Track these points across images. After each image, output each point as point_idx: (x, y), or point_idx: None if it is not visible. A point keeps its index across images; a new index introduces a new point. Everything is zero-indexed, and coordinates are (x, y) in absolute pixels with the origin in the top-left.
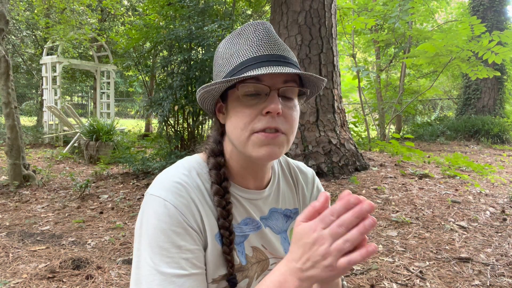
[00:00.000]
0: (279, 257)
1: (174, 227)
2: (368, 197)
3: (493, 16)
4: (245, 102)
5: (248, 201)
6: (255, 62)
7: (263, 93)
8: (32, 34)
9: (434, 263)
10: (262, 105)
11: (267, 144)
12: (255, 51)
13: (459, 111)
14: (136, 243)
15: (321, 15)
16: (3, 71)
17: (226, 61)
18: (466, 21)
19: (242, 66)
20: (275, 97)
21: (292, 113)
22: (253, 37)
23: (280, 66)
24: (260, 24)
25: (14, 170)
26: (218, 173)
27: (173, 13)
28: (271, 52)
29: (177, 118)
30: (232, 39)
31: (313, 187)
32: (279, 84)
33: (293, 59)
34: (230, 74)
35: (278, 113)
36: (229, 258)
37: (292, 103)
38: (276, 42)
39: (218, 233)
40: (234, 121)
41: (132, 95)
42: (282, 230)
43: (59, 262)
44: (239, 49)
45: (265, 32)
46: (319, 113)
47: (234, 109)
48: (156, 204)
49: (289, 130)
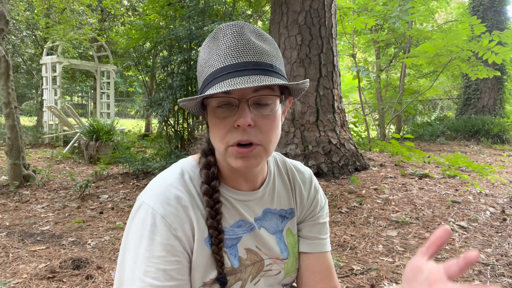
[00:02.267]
0: (274, 257)
1: (158, 237)
2: (368, 197)
3: (493, 16)
4: (218, 115)
5: (240, 203)
6: (221, 74)
7: (234, 104)
8: (32, 34)
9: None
10: (233, 117)
11: (242, 158)
12: (223, 61)
13: (459, 111)
14: (123, 243)
15: (321, 15)
16: (3, 71)
17: (201, 69)
18: (466, 21)
19: (212, 77)
20: (244, 110)
21: (267, 122)
22: (222, 43)
23: (246, 76)
24: (230, 27)
25: (14, 170)
26: (208, 172)
27: (173, 13)
28: (238, 61)
29: (177, 118)
30: (208, 43)
31: (310, 187)
32: (249, 94)
33: (267, 61)
34: (204, 83)
35: (249, 125)
36: (218, 258)
37: (267, 109)
38: (245, 47)
39: (208, 236)
40: (212, 132)
41: (132, 95)
42: (277, 230)
43: (59, 262)
44: (210, 58)
45: (233, 37)
46: (319, 113)
47: (211, 120)
48: (144, 211)
49: (265, 140)
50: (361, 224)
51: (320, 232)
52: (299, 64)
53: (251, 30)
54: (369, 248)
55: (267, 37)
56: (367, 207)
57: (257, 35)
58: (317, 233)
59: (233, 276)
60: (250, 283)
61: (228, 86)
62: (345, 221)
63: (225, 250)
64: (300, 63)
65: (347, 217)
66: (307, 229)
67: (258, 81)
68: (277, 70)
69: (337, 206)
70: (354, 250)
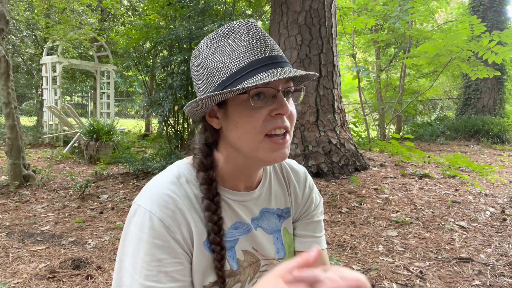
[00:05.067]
0: (269, 258)
1: (157, 240)
2: (368, 197)
3: (493, 16)
4: (254, 106)
5: (237, 203)
6: (259, 66)
7: (270, 95)
8: (32, 34)
9: (434, 263)
10: (269, 107)
11: (278, 149)
12: (256, 53)
13: (459, 111)
14: (120, 248)
15: (321, 15)
16: (3, 71)
17: (220, 66)
18: (466, 21)
19: (245, 71)
20: (283, 99)
21: (293, 111)
22: (249, 38)
23: (283, 68)
24: (252, 24)
25: (14, 170)
26: (205, 175)
27: (173, 13)
28: (271, 54)
29: (177, 118)
30: (217, 40)
31: (305, 185)
32: (283, 85)
33: (284, 56)
34: (231, 78)
35: (289, 114)
36: (218, 264)
37: (291, 101)
38: (272, 42)
39: (207, 240)
40: (242, 126)
41: (132, 95)
42: (275, 230)
43: (59, 262)
44: (234, 52)
45: (260, 32)
46: (319, 113)
47: (240, 113)
48: (141, 215)
49: (291, 128)
50: (361, 224)
51: (315, 230)
52: (299, 64)
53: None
54: (369, 248)
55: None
56: (367, 207)
57: None
58: (312, 231)
59: (232, 278)
60: (248, 284)
61: (281, 75)
62: (345, 221)
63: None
64: (300, 63)
65: (347, 217)
66: (302, 227)
67: (296, 72)
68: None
69: (337, 206)
70: (354, 250)
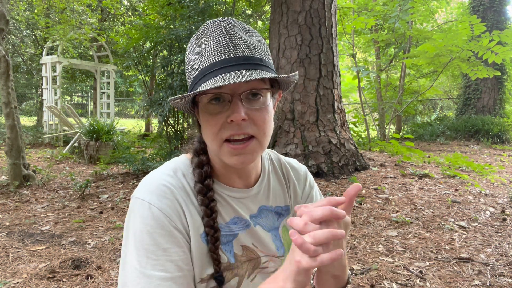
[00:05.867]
0: (271, 254)
1: (160, 229)
2: (368, 197)
3: (493, 16)
4: (210, 111)
5: (235, 200)
6: (212, 70)
7: (226, 99)
8: (32, 34)
9: (434, 263)
10: (226, 113)
11: (237, 154)
12: (212, 57)
13: (459, 111)
14: (123, 246)
15: (321, 15)
16: (3, 71)
17: (190, 67)
18: (466, 21)
19: (202, 74)
20: (237, 104)
21: (260, 114)
22: (211, 39)
23: (238, 71)
24: (217, 23)
25: (14, 170)
26: (201, 171)
27: (173, 13)
28: (228, 56)
29: (177, 118)
30: (194, 40)
31: (305, 184)
32: (241, 89)
33: (256, 56)
34: (194, 81)
35: (243, 119)
36: (215, 256)
37: (259, 102)
38: (234, 42)
39: (204, 232)
40: (204, 130)
41: (132, 95)
42: (273, 228)
43: (59, 262)
44: (199, 55)
45: (222, 33)
46: (319, 113)
47: (203, 117)
48: (141, 207)
49: (259, 132)
50: (361, 224)
51: None
52: (299, 64)
53: (238, 25)
54: (369, 248)
55: (254, 32)
56: (367, 207)
57: (244, 30)
58: None
59: (230, 271)
60: (247, 279)
61: (220, 81)
62: None
63: (220, 246)
64: (300, 63)
65: None
66: None
67: (250, 75)
68: (266, 64)
69: None
70: (354, 250)
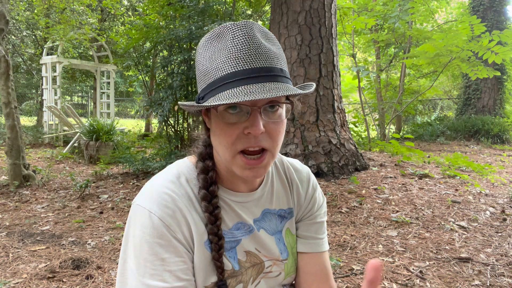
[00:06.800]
0: (274, 258)
1: (159, 239)
2: (368, 197)
3: (493, 16)
4: (225, 119)
5: (239, 205)
6: (233, 80)
7: (245, 110)
8: (32, 34)
9: (434, 263)
10: (243, 124)
11: (251, 168)
12: (234, 65)
13: (459, 111)
14: (122, 251)
15: (321, 15)
16: (3, 71)
17: (205, 69)
18: (466, 21)
19: (222, 82)
20: (256, 117)
21: (276, 128)
22: (232, 45)
23: (261, 84)
24: (240, 28)
25: (14, 170)
26: (206, 177)
27: (173, 13)
28: (251, 66)
29: (177, 118)
30: (211, 41)
31: (308, 186)
32: (261, 101)
33: (277, 66)
34: (211, 86)
35: (270, 131)
36: (218, 264)
37: (276, 115)
38: (257, 51)
39: (208, 239)
40: (217, 137)
41: (132, 95)
42: (277, 231)
43: (59, 262)
44: (217, 58)
45: (244, 40)
46: (319, 113)
47: (216, 124)
48: (141, 215)
49: (273, 145)
50: (361, 224)
51: (317, 232)
52: (299, 64)
53: (259, 30)
54: (369, 248)
55: (272, 36)
56: (367, 207)
57: (264, 35)
58: (314, 232)
59: (234, 278)
60: (251, 285)
61: (244, 94)
62: (345, 221)
63: (223, 252)
64: (300, 63)
65: (347, 217)
66: (304, 228)
67: (274, 89)
68: (285, 74)
69: (337, 206)
70: (354, 250)
